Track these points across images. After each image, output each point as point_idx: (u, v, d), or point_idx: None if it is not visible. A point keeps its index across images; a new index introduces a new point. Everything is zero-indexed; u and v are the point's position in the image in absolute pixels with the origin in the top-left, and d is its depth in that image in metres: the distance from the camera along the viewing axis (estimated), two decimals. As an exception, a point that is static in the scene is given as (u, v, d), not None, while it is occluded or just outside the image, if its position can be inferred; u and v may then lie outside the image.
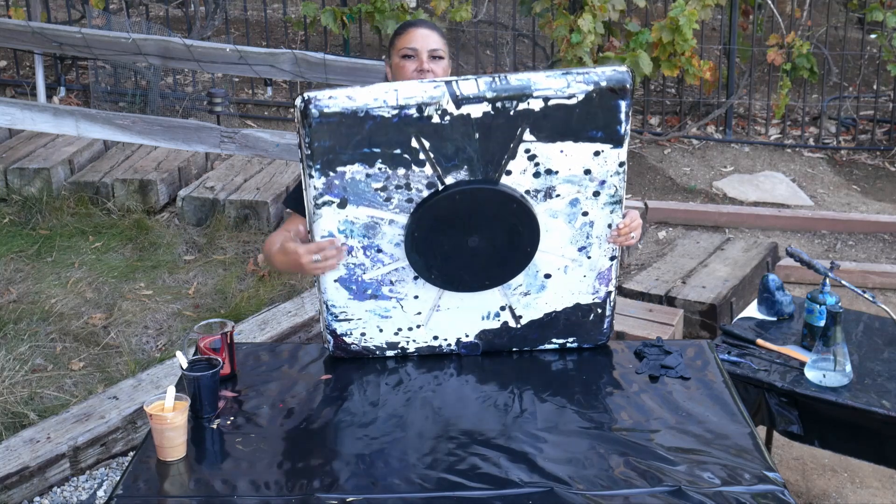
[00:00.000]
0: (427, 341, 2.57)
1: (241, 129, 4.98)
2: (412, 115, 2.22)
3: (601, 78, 2.25)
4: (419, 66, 2.67)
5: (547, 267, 2.49)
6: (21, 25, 5.24)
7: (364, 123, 2.22)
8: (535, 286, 2.51)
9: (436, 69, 2.68)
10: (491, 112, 2.23)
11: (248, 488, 2.10)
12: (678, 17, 5.84)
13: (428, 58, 2.67)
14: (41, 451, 3.42)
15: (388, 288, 2.46)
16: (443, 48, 2.70)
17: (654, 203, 5.79)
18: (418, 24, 2.73)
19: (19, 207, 5.45)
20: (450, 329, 2.56)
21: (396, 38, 2.73)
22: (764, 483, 2.11)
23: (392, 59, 2.73)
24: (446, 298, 2.49)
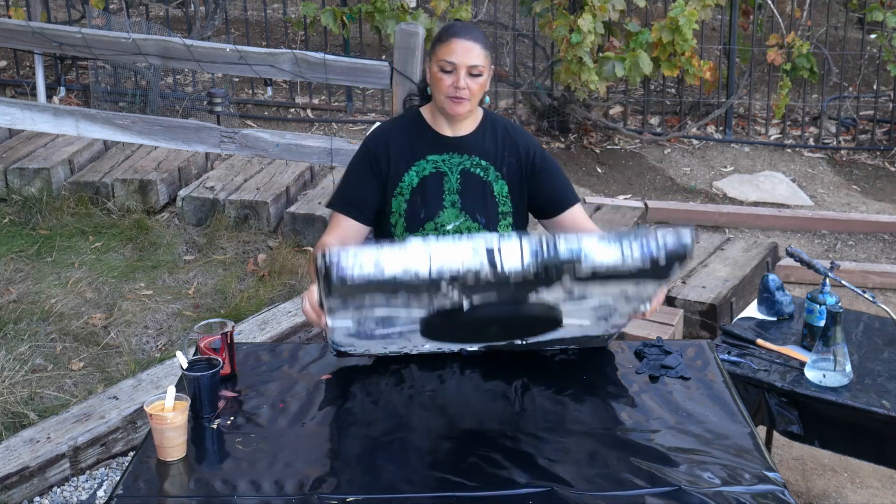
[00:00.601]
0: (432, 350, 2.57)
1: (241, 129, 4.97)
2: (445, 281, 2.05)
3: (660, 250, 2.08)
4: (455, 82, 2.60)
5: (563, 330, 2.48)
6: (21, 25, 5.24)
7: (390, 287, 2.07)
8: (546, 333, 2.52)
9: (473, 87, 2.61)
10: (532, 280, 2.09)
11: (248, 488, 2.10)
12: (678, 17, 5.84)
13: (466, 74, 2.60)
14: (41, 451, 3.42)
15: (399, 334, 2.44)
16: (483, 63, 2.62)
17: (654, 203, 5.79)
18: (461, 32, 2.62)
19: (19, 207, 5.45)
20: (456, 345, 2.57)
21: (438, 45, 2.64)
22: (764, 483, 2.11)
23: (431, 65, 2.66)
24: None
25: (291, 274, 4.81)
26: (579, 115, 6.67)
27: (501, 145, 2.75)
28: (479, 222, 2.72)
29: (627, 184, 6.25)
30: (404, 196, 2.71)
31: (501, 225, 2.74)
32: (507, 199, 2.75)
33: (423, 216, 2.70)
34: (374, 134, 2.79)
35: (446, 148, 2.73)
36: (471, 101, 2.66)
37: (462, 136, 2.73)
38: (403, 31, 4.44)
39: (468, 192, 2.72)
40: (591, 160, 6.52)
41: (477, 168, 2.73)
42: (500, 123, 2.80)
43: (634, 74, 5.91)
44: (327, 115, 7.06)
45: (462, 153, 2.73)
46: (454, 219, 2.70)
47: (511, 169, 2.75)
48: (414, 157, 2.72)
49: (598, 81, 5.89)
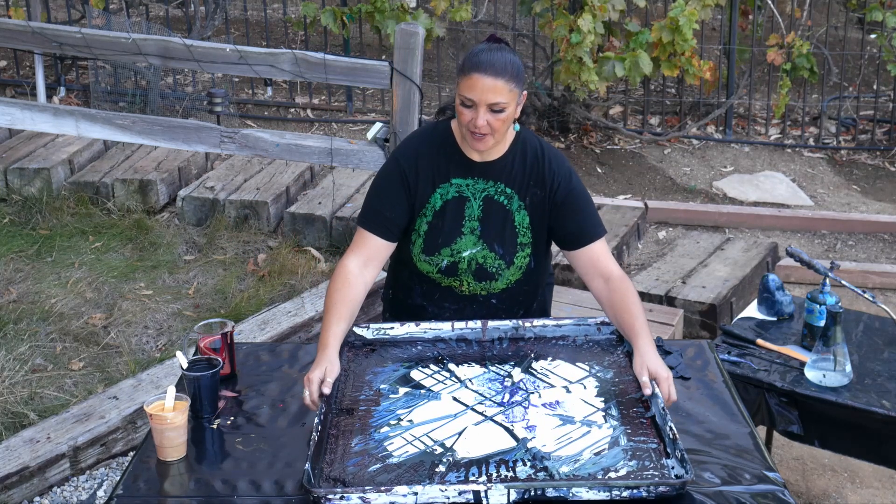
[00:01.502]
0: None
1: (241, 129, 4.97)
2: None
3: (651, 494, 2.02)
4: (475, 119, 2.48)
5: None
6: (21, 25, 5.24)
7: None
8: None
9: (494, 123, 2.49)
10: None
11: (248, 488, 2.10)
12: (678, 17, 5.84)
13: (486, 111, 2.48)
14: (41, 451, 3.42)
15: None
16: (507, 98, 2.47)
17: (654, 203, 5.79)
18: (484, 67, 2.46)
19: (19, 207, 5.45)
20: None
21: (461, 75, 2.50)
22: (764, 483, 2.11)
23: (457, 94, 2.52)
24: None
25: (291, 274, 4.81)
26: (579, 115, 6.67)
27: (528, 174, 2.65)
28: (496, 252, 2.66)
29: (627, 184, 6.25)
30: (427, 217, 2.65)
31: (518, 256, 2.67)
32: (527, 231, 2.67)
33: (441, 241, 2.65)
34: (405, 149, 2.70)
35: (472, 172, 2.65)
36: (493, 136, 2.54)
37: (489, 162, 2.64)
38: (403, 31, 4.44)
39: (488, 221, 2.65)
40: (591, 160, 6.52)
41: (501, 196, 2.65)
42: (532, 148, 2.68)
43: (634, 74, 5.91)
44: (327, 115, 7.06)
45: (487, 179, 2.65)
46: (471, 246, 2.65)
47: (535, 200, 2.66)
48: (440, 178, 2.64)
49: (598, 81, 5.88)
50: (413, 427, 2.28)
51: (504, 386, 2.43)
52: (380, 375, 2.50)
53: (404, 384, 2.46)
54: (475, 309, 2.73)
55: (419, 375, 2.49)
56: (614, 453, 2.15)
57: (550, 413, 2.31)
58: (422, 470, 2.12)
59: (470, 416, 2.31)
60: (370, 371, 2.52)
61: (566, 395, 2.38)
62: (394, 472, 2.11)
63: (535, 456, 2.15)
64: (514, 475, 2.09)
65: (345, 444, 2.22)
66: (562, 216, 2.67)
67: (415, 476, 2.10)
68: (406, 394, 2.42)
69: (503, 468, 2.11)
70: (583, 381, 2.44)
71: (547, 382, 2.44)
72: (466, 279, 2.68)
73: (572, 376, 2.47)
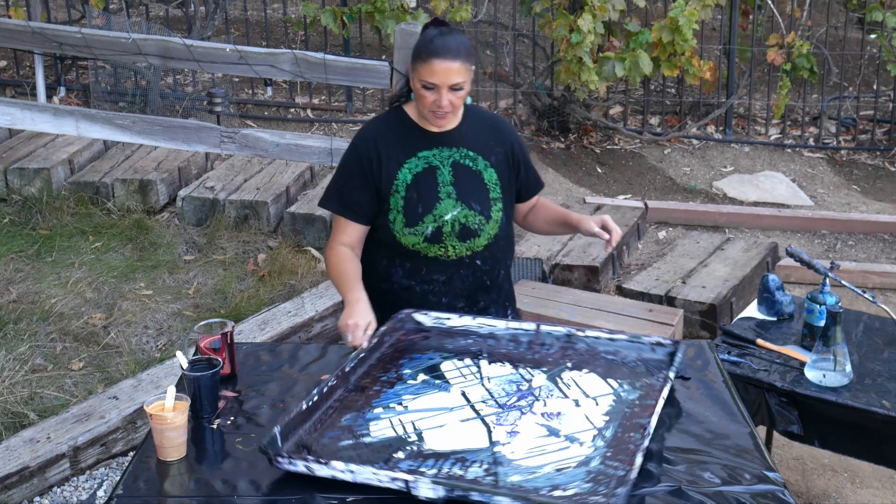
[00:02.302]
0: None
1: (241, 129, 4.97)
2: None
3: None
4: (438, 100, 2.66)
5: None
6: (21, 25, 5.24)
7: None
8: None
9: (455, 101, 2.68)
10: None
11: (248, 488, 2.10)
12: (678, 17, 5.84)
13: (448, 91, 2.66)
14: (41, 451, 3.42)
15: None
16: (465, 76, 2.66)
17: (654, 203, 5.80)
18: (442, 52, 2.64)
19: (19, 207, 5.45)
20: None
21: (419, 62, 2.66)
22: (764, 483, 2.11)
23: (413, 77, 2.70)
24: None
25: (291, 274, 4.81)
26: (579, 115, 6.67)
27: (487, 136, 2.84)
28: (474, 209, 2.78)
29: (627, 184, 6.25)
30: (400, 193, 2.76)
31: (494, 210, 2.81)
32: (496, 186, 2.83)
33: (421, 210, 2.75)
34: (362, 135, 2.84)
35: (435, 143, 2.80)
36: (454, 113, 2.75)
37: (449, 131, 2.81)
38: (403, 31, 4.44)
39: (462, 182, 2.79)
40: (591, 160, 6.52)
41: (466, 159, 2.80)
42: (481, 115, 2.90)
43: (634, 74, 5.91)
44: (327, 115, 7.06)
45: (450, 146, 2.80)
46: (452, 208, 2.77)
47: (499, 157, 2.84)
48: (405, 155, 2.78)
49: (598, 81, 5.89)
50: (405, 413, 2.30)
51: (518, 389, 2.42)
52: (413, 361, 2.53)
53: (428, 373, 2.48)
54: (463, 275, 2.82)
55: (448, 367, 2.51)
56: (576, 473, 2.07)
57: (542, 423, 2.28)
58: (385, 453, 2.14)
59: (465, 412, 2.32)
60: (407, 356, 2.55)
61: (572, 408, 2.34)
62: (360, 451, 2.14)
63: (496, 461, 2.12)
64: (461, 475, 2.07)
65: (336, 418, 2.25)
66: (522, 171, 2.92)
67: (375, 457, 2.12)
68: (423, 381, 2.44)
69: (457, 466, 2.10)
70: (600, 397, 2.39)
71: (563, 393, 2.41)
72: (451, 243, 2.77)
73: (593, 391, 2.41)
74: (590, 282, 4.80)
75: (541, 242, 5.02)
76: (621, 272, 5.10)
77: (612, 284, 4.94)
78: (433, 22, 2.76)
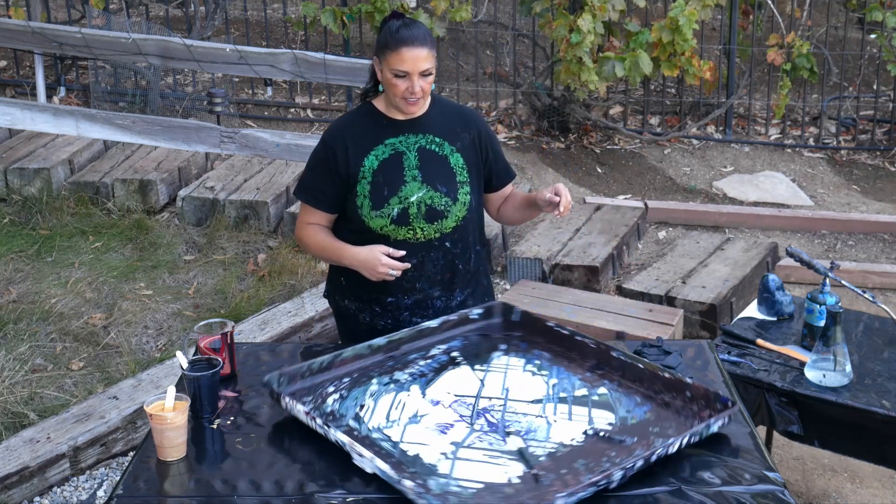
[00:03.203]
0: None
1: (241, 129, 4.98)
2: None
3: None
4: (410, 87, 2.74)
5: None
6: (21, 25, 5.24)
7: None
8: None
9: (425, 86, 2.77)
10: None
11: (248, 488, 2.10)
12: (678, 17, 5.84)
13: (419, 76, 2.74)
14: (41, 451, 3.42)
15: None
16: (432, 63, 2.77)
17: (654, 203, 5.80)
18: (409, 40, 2.74)
19: (19, 207, 5.45)
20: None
21: (388, 52, 2.75)
22: (764, 483, 2.11)
23: (383, 70, 2.78)
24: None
25: (291, 274, 4.81)
26: (579, 115, 6.67)
27: (454, 122, 2.91)
28: (440, 191, 2.82)
29: (627, 184, 6.25)
30: (367, 179, 2.81)
31: (461, 192, 2.84)
32: (463, 170, 2.87)
33: (387, 193, 2.80)
34: (331, 129, 2.93)
35: (401, 130, 2.85)
36: (424, 98, 2.82)
37: (415, 119, 2.86)
38: (403, 31, 4.43)
39: (427, 166, 2.84)
40: (591, 160, 6.52)
41: (432, 145, 2.85)
42: (446, 103, 2.98)
43: (634, 74, 5.91)
44: (327, 115, 7.06)
45: (417, 133, 2.86)
46: (417, 190, 2.81)
47: (465, 143, 2.90)
48: (372, 144, 2.84)
49: (597, 81, 5.89)
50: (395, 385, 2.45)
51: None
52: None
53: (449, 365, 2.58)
54: (433, 257, 2.85)
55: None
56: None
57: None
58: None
59: (458, 372, 2.49)
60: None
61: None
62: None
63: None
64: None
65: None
66: (491, 159, 2.96)
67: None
68: (439, 369, 2.54)
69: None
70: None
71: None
72: (419, 224, 2.81)
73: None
74: (590, 282, 4.80)
75: (541, 242, 5.02)
76: (621, 272, 5.10)
77: (612, 284, 4.94)
78: (393, 15, 2.86)
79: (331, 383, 2.45)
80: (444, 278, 2.88)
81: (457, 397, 2.42)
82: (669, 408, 2.34)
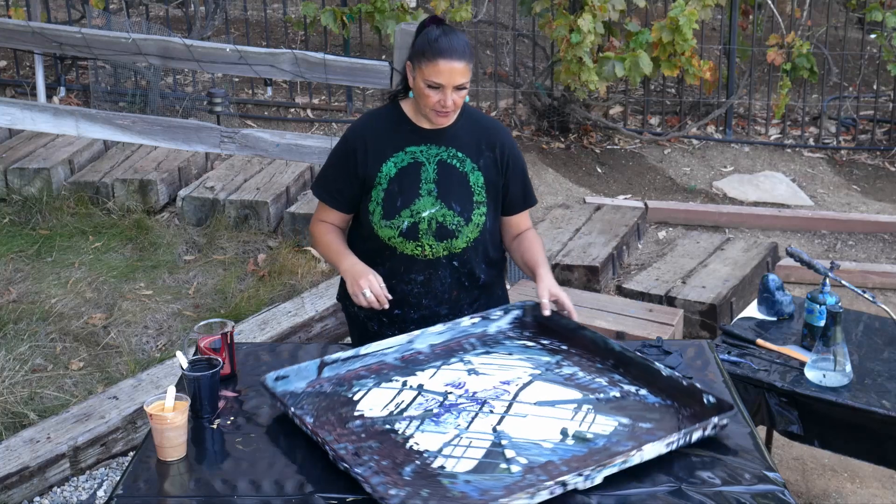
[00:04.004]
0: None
1: (241, 129, 4.97)
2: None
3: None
4: (443, 100, 2.66)
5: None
6: (21, 25, 5.24)
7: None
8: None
9: (458, 100, 2.68)
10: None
11: (248, 488, 2.10)
12: (678, 17, 5.84)
13: (452, 90, 2.66)
14: (41, 451, 3.42)
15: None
16: (467, 77, 2.67)
17: (654, 203, 5.80)
18: (447, 52, 2.64)
19: (19, 207, 5.45)
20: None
21: (423, 61, 2.66)
22: (764, 483, 2.11)
23: (417, 77, 2.69)
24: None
25: (291, 274, 4.81)
26: (579, 115, 6.67)
27: (479, 139, 2.82)
28: (454, 210, 2.76)
29: (627, 184, 6.25)
30: (382, 185, 2.76)
31: (475, 214, 2.78)
32: (482, 190, 2.80)
33: (400, 204, 2.75)
34: (353, 127, 2.87)
35: (424, 139, 2.78)
36: (455, 111, 2.74)
37: (440, 129, 2.79)
38: (403, 31, 4.44)
39: (444, 182, 2.77)
40: (591, 160, 6.52)
41: (454, 159, 2.78)
42: (476, 118, 2.87)
43: (634, 74, 5.91)
44: (327, 115, 7.06)
45: (440, 145, 2.79)
46: (430, 206, 2.75)
47: (487, 162, 2.81)
48: (393, 150, 2.78)
49: (597, 81, 5.88)
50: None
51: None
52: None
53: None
54: (440, 275, 2.80)
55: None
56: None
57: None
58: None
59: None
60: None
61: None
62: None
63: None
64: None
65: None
66: (510, 180, 2.86)
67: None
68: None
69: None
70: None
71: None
72: (428, 241, 2.76)
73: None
74: (590, 282, 4.80)
75: (541, 242, 5.02)
76: (621, 272, 5.10)
77: (612, 284, 4.94)
78: (432, 20, 2.74)
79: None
80: (452, 296, 2.83)
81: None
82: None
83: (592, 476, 2.05)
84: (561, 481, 2.01)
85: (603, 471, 2.06)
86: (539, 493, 2.00)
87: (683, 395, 2.33)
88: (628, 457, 2.08)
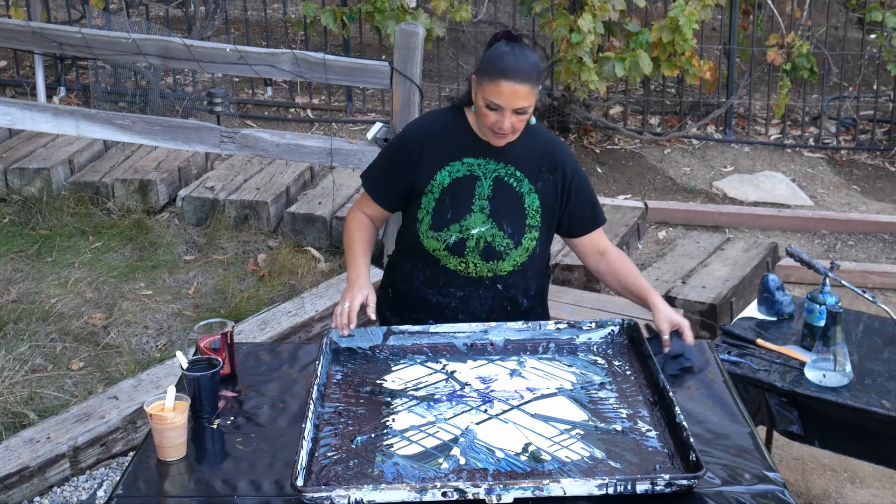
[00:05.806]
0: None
1: (241, 129, 4.98)
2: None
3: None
4: (500, 122, 2.53)
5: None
6: (21, 25, 5.24)
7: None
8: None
9: (517, 124, 2.56)
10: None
11: (248, 488, 2.10)
12: (678, 17, 5.84)
13: (512, 113, 2.53)
14: (41, 451, 3.42)
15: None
16: (530, 101, 2.53)
17: (654, 203, 5.79)
18: (511, 74, 2.49)
19: (19, 207, 5.45)
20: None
21: (485, 79, 2.52)
22: (764, 483, 2.11)
23: (477, 94, 2.56)
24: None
25: (291, 274, 4.81)
26: (579, 115, 6.67)
27: (540, 160, 2.70)
28: (504, 231, 2.66)
29: (627, 184, 6.25)
30: (434, 194, 2.66)
31: (526, 238, 2.68)
32: (537, 213, 2.69)
33: (450, 217, 2.65)
34: (414, 125, 2.78)
35: (484, 153, 2.67)
36: (514, 135, 2.62)
37: (502, 145, 2.66)
38: (403, 31, 4.44)
39: (498, 200, 2.66)
40: (591, 160, 6.52)
41: (511, 178, 2.67)
42: (542, 137, 2.74)
43: (634, 74, 5.91)
44: (327, 115, 7.06)
45: (499, 161, 2.67)
46: (481, 224, 2.65)
47: (547, 185, 2.69)
48: (450, 157, 2.67)
49: (598, 81, 5.88)
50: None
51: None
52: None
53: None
54: (481, 295, 2.71)
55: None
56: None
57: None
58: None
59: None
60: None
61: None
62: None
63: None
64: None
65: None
66: (573, 204, 2.74)
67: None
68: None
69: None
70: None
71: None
72: (473, 259, 2.67)
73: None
74: (590, 282, 4.80)
75: (541, 242, 5.02)
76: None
77: (612, 284, 4.93)
78: (505, 35, 2.57)
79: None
80: (490, 318, 2.73)
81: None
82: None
83: (498, 492, 1.99)
84: (456, 486, 1.99)
85: (511, 490, 1.99)
86: (430, 490, 1.99)
87: (679, 445, 2.19)
88: (542, 484, 2.00)
